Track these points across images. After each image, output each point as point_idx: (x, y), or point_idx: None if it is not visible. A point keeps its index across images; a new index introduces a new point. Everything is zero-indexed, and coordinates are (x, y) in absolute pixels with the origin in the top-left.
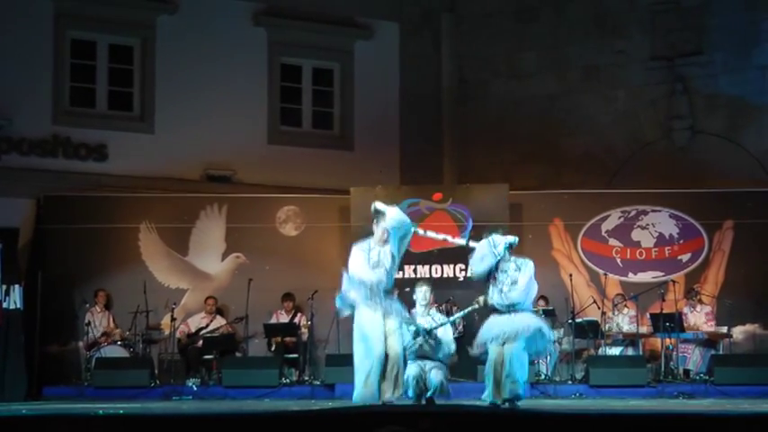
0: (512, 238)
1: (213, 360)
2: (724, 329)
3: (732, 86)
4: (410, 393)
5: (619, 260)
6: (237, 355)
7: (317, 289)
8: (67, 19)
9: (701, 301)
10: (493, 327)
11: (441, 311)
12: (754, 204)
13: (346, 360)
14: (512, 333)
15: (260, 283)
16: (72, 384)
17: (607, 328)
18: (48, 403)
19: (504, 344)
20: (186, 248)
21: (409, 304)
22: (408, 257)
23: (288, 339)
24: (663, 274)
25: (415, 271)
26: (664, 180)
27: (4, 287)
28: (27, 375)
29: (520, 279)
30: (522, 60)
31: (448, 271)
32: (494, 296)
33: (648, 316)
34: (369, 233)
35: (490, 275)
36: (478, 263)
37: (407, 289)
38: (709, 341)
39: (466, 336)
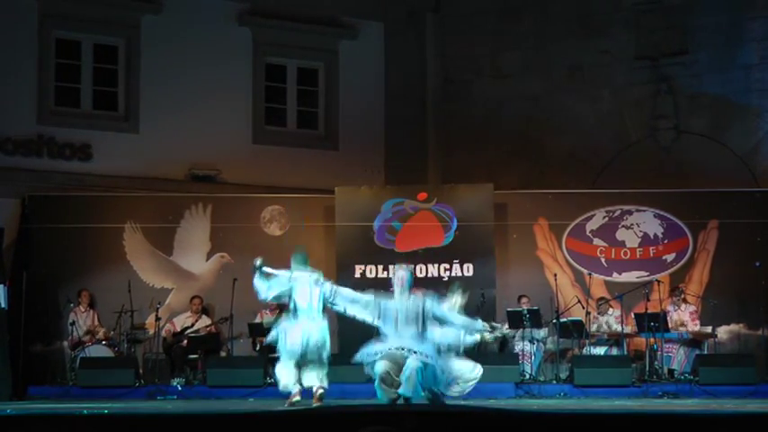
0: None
1: (198, 360)
2: (708, 329)
3: (716, 86)
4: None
5: (603, 260)
6: (222, 354)
7: None
8: (52, 18)
9: (685, 301)
10: None
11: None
12: (739, 204)
13: (331, 360)
14: None
15: (245, 282)
16: (57, 384)
17: (592, 328)
18: (33, 403)
19: None
20: (171, 248)
21: None
22: (393, 257)
23: None
24: (647, 273)
25: None
26: (648, 180)
27: None
28: (12, 375)
29: None
30: (507, 60)
31: (432, 271)
32: None
33: (633, 316)
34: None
35: None
36: None
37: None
38: (694, 341)
39: None
